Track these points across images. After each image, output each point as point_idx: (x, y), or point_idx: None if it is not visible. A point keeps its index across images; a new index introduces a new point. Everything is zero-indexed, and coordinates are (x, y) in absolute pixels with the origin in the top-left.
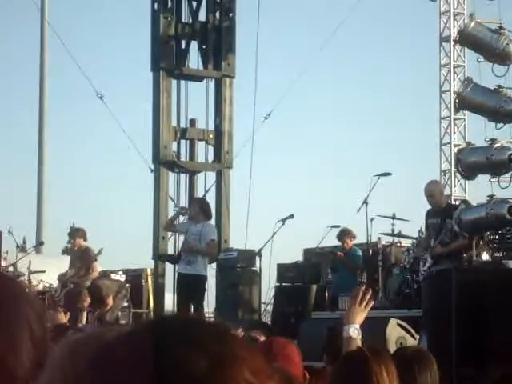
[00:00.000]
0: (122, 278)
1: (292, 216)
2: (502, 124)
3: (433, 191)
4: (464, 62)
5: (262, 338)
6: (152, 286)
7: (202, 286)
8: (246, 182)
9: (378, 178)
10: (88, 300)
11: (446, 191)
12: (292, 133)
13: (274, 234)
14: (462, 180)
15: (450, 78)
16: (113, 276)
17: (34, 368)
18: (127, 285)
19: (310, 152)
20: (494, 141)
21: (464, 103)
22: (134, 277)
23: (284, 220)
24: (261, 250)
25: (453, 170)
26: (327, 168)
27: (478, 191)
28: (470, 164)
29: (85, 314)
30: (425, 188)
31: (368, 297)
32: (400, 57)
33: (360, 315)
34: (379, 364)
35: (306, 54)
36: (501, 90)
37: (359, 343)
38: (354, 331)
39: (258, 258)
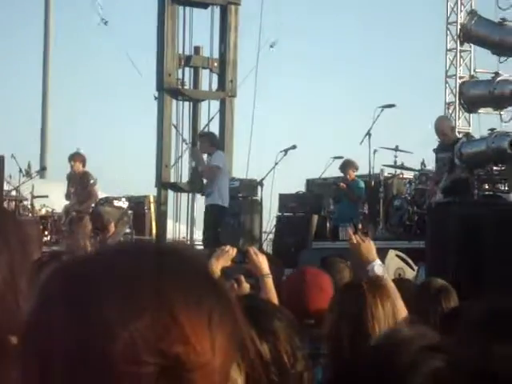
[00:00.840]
0: (124, 204)
1: (294, 147)
2: (505, 57)
3: (444, 129)
4: None
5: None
6: (155, 213)
7: (216, 214)
8: (249, 111)
9: (382, 110)
10: (90, 226)
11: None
12: (296, 62)
13: (276, 164)
14: (466, 113)
15: (457, 10)
16: (115, 202)
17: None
18: (129, 211)
19: (314, 83)
20: (497, 74)
21: (468, 36)
22: (137, 204)
23: (286, 150)
24: (263, 179)
25: (457, 102)
26: (330, 99)
27: (482, 125)
28: (473, 97)
29: (86, 241)
30: (435, 125)
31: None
32: None
33: (372, 250)
34: (374, 296)
35: None
36: (505, 23)
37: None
38: (379, 268)
39: (259, 188)
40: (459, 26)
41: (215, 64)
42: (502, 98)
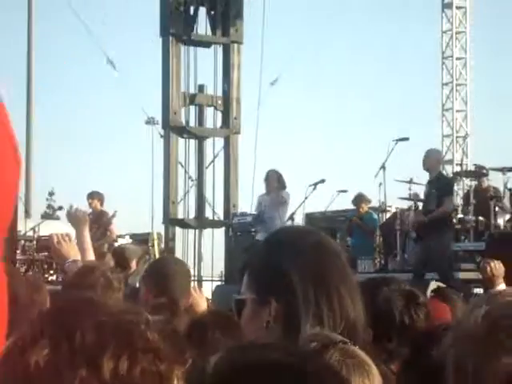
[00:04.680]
0: (128, 242)
1: (323, 181)
2: None
3: (430, 161)
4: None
5: None
6: (158, 250)
7: None
8: (253, 147)
9: (396, 143)
10: (112, 263)
11: (448, 156)
12: (300, 99)
13: (306, 198)
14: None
15: (451, 44)
16: (120, 240)
17: None
18: (150, 250)
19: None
20: None
21: None
22: (141, 241)
23: (315, 184)
24: (293, 214)
25: (455, 135)
26: (330, 135)
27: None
28: None
29: None
30: (424, 157)
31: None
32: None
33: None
34: None
35: (314, 19)
36: None
37: None
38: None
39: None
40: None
41: (219, 102)
42: None
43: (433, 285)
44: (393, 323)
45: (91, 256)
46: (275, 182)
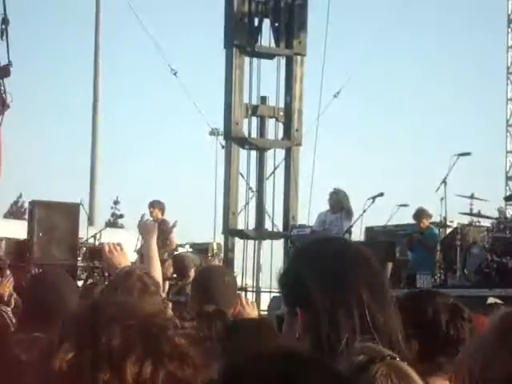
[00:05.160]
0: (188, 251)
1: (382, 194)
2: None
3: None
4: None
5: None
6: (218, 260)
7: None
8: (312, 159)
9: (458, 158)
10: (171, 270)
11: None
12: (361, 111)
13: (364, 211)
14: None
15: None
16: (180, 249)
17: None
18: (209, 260)
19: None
20: None
21: None
22: (200, 251)
23: (374, 198)
24: (351, 227)
25: None
26: (391, 148)
27: None
28: None
29: (167, 283)
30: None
31: None
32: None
33: None
34: None
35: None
36: None
37: None
38: None
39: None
40: None
41: (281, 113)
42: None
43: (490, 300)
44: (439, 336)
45: (157, 264)
46: (339, 203)
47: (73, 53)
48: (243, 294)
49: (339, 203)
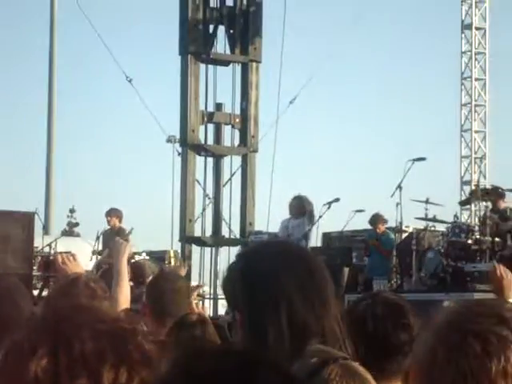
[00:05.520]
0: (145, 259)
1: (338, 199)
2: None
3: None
4: (485, 49)
5: None
6: (184, 267)
7: None
8: (270, 165)
9: (413, 163)
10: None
11: (466, 177)
12: (317, 118)
13: (321, 217)
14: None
15: (471, 65)
16: (137, 257)
17: None
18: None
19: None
20: None
21: None
22: (157, 259)
23: (330, 203)
24: (309, 231)
25: (473, 156)
26: (347, 154)
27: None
28: None
29: None
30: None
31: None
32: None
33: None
34: None
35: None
36: None
37: None
38: None
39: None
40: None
41: (237, 120)
42: None
43: (446, 304)
44: (381, 342)
45: (127, 284)
46: (302, 208)
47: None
48: (200, 302)
49: (301, 208)
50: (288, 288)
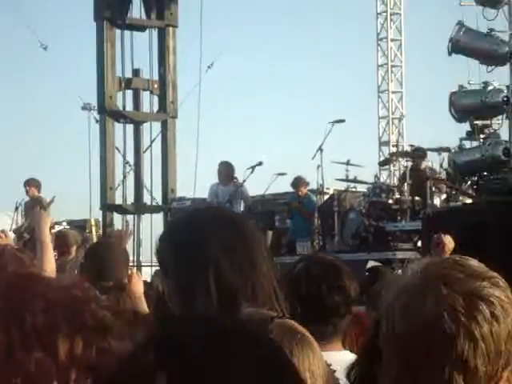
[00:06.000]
0: (66, 228)
1: (261, 163)
2: (492, 67)
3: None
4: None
5: None
6: (96, 236)
7: None
8: (193, 131)
9: (333, 125)
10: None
11: (385, 137)
12: (238, 82)
13: (244, 181)
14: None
15: (386, 26)
16: (57, 227)
17: None
18: (88, 237)
19: (257, 99)
20: (486, 84)
21: (457, 47)
22: (78, 227)
23: (253, 168)
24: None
25: (391, 117)
26: (267, 118)
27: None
28: (464, 106)
29: None
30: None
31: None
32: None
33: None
34: None
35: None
36: (493, 33)
37: None
38: None
39: None
40: (391, 42)
41: (155, 86)
42: (494, 106)
43: (370, 263)
44: (316, 304)
45: (51, 252)
46: (231, 174)
47: None
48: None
49: (229, 174)
50: (215, 252)
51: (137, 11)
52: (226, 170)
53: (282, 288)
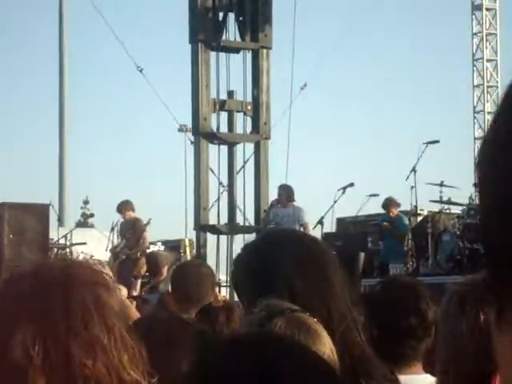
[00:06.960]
0: (160, 249)
1: (352, 184)
2: None
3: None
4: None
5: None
6: (190, 256)
7: None
8: (284, 152)
9: (427, 146)
10: (144, 268)
11: None
12: (330, 103)
13: (335, 202)
14: None
15: (482, 46)
16: (152, 247)
17: None
18: (182, 257)
19: (344, 123)
20: None
21: None
22: (172, 248)
23: (344, 188)
24: (322, 218)
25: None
26: (360, 139)
27: None
28: None
29: (139, 281)
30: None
31: None
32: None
33: None
34: None
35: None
36: None
37: None
38: None
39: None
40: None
41: (249, 107)
42: None
43: None
44: (399, 326)
45: None
46: (289, 197)
47: (36, 54)
48: (217, 288)
49: (288, 197)
50: (289, 274)
51: (231, 33)
52: (286, 193)
53: (358, 309)
